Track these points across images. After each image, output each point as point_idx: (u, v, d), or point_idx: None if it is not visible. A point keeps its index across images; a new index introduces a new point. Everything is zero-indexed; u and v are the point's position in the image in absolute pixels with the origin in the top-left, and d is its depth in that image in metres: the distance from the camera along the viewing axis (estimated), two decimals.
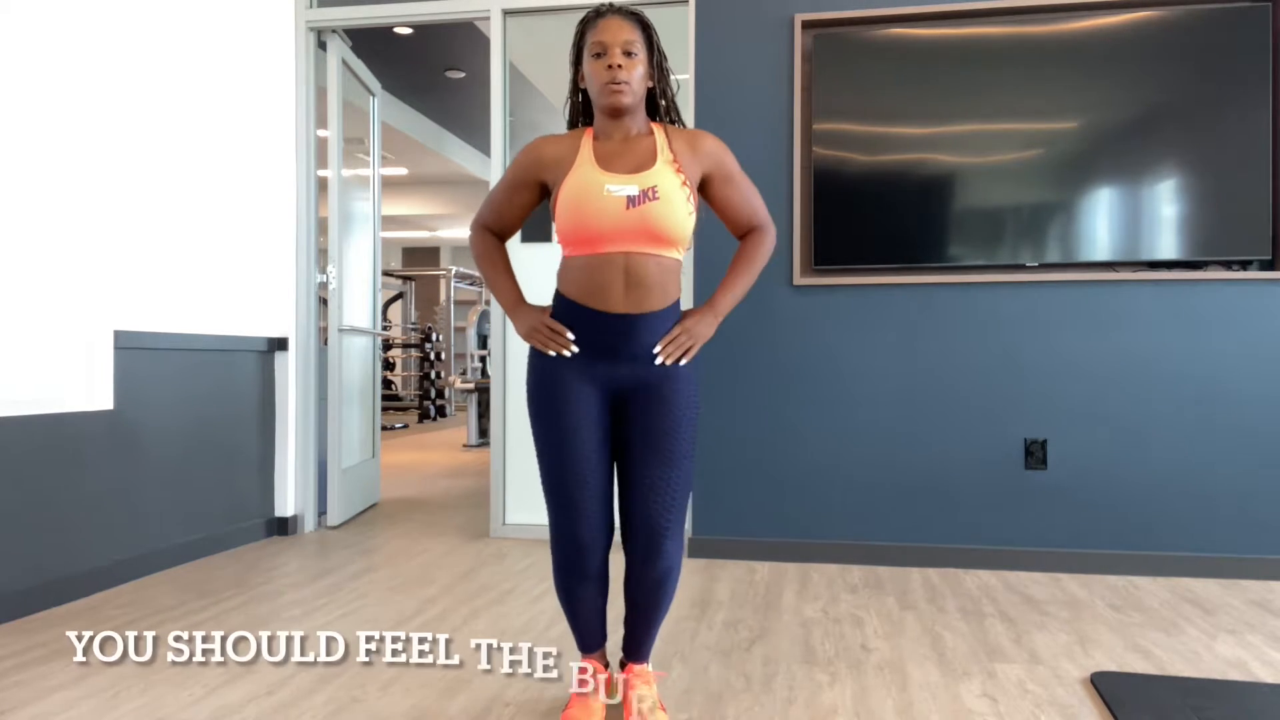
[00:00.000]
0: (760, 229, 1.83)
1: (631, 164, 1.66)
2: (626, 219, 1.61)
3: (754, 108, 3.35)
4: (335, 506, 3.92)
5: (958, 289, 3.21)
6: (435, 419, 10.94)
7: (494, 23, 3.65)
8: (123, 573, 2.94)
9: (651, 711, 1.76)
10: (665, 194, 1.62)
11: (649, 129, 1.73)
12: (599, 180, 1.63)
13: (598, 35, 1.65)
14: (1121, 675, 2.07)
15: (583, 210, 1.62)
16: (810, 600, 2.77)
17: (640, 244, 1.63)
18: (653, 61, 1.72)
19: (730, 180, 1.77)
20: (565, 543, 1.71)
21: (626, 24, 1.66)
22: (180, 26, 3.22)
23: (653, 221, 1.61)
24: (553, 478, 1.70)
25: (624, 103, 1.65)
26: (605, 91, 1.65)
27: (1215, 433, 3.07)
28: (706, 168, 1.73)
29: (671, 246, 1.66)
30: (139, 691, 1.99)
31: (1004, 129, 3.15)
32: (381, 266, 4.97)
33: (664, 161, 1.66)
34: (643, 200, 1.61)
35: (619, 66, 1.63)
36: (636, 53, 1.66)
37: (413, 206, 12.15)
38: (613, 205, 1.61)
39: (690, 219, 1.66)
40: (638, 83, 1.67)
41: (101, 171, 2.85)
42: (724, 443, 3.35)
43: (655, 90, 1.75)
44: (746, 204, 1.80)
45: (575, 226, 1.64)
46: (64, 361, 2.70)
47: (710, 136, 1.75)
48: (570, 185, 1.65)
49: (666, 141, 1.71)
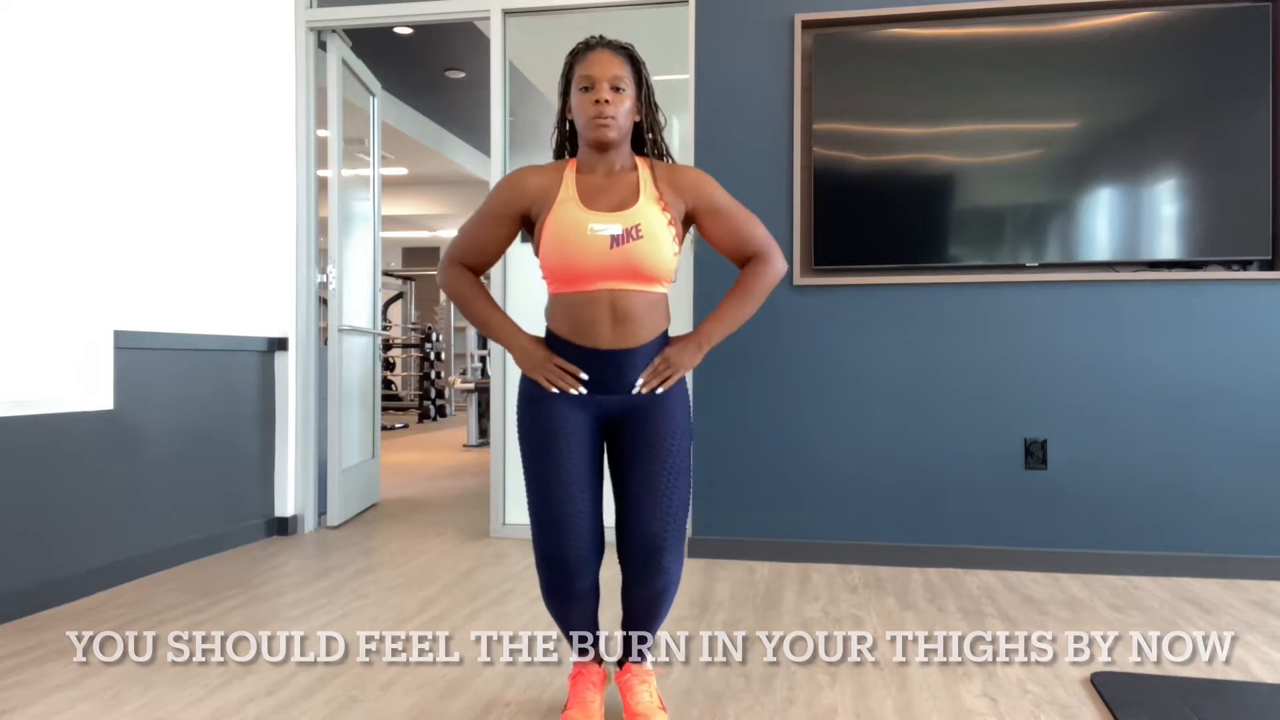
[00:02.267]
0: (760, 257, 1.78)
1: (615, 201, 1.66)
2: (610, 258, 1.61)
3: (754, 108, 3.35)
4: (335, 506, 3.92)
5: (958, 289, 3.21)
6: (435, 419, 10.94)
7: (494, 23, 3.65)
8: (123, 573, 2.94)
9: (651, 711, 1.76)
10: (649, 232, 1.62)
11: (633, 164, 1.73)
12: (582, 219, 1.62)
13: (586, 69, 1.65)
14: (1121, 675, 2.07)
15: (566, 250, 1.62)
16: (810, 600, 2.77)
17: (624, 281, 1.64)
18: (640, 96, 1.71)
19: (716, 212, 1.74)
20: (553, 565, 1.68)
21: (616, 58, 1.66)
22: (180, 26, 3.22)
23: (636, 260, 1.62)
24: (541, 496, 1.67)
25: (610, 137, 1.65)
26: (591, 125, 1.64)
27: (1215, 433, 3.07)
28: (690, 202, 1.73)
29: (656, 282, 1.67)
30: (139, 691, 1.99)
31: (1004, 129, 3.15)
32: (381, 266, 4.97)
33: (647, 198, 1.66)
34: (626, 240, 1.61)
35: (606, 101, 1.63)
36: (624, 88, 1.66)
37: (413, 206, 12.15)
38: (596, 245, 1.61)
39: (675, 256, 1.67)
40: (624, 117, 1.66)
41: (102, 171, 2.85)
42: (724, 442, 3.35)
43: (642, 125, 1.74)
44: (738, 234, 1.76)
45: (559, 265, 1.63)
46: (64, 361, 2.70)
47: (693, 170, 1.74)
48: (553, 223, 1.64)
49: (651, 177, 1.70)
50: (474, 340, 9.64)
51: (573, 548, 1.66)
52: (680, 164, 1.78)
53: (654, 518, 1.67)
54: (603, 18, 3.56)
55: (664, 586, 1.71)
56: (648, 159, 1.75)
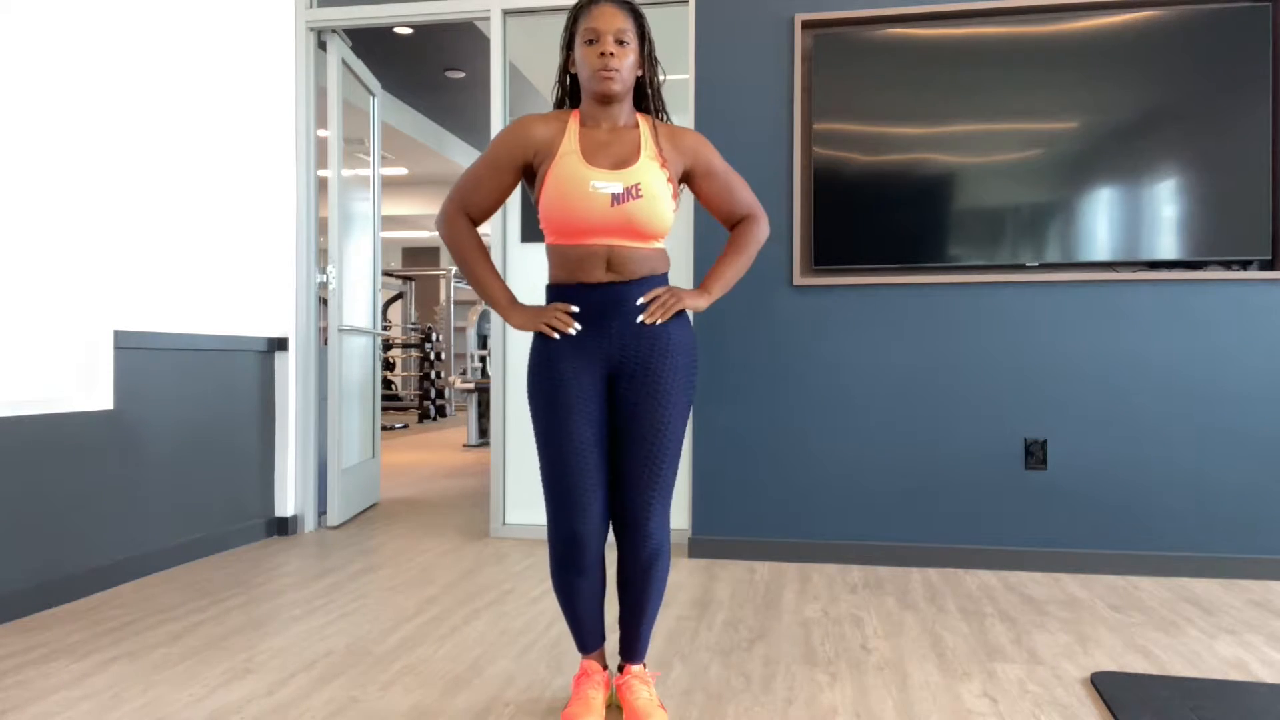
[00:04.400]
0: (749, 218, 1.87)
1: (616, 157, 1.70)
2: (610, 215, 1.66)
3: (754, 108, 3.35)
4: (335, 506, 3.92)
5: (957, 289, 3.21)
6: (435, 419, 10.94)
7: (494, 23, 3.65)
8: (123, 573, 2.94)
9: (651, 709, 1.76)
10: (648, 190, 1.67)
11: (634, 121, 1.77)
12: (584, 175, 1.66)
13: (591, 22, 1.68)
14: (1121, 675, 2.07)
15: (567, 205, 1.66)
16: (810, 600, 2.77)
17: (622, 238, 1.69)
18: (643, 51, 1.75)
19: (712, 174, 1.82)
20: (563, 536, 1.73)
21: (620, 12, 1.69)
22: (180, 26, 3.22)
23: (635, 219, 1.67)
24: (553, 468, 1.71)
25: (614, 90, 1.68)
26: (597, 78, 1.68)
27: (1215, 433, 3.07)
28: (688, 162, 1.79)
29: (652, 239, 1.72)
30: (139, 691, 2.00)
31: (1004, 129, 3.15)
32: (381, 266, 4.97)
33: (648, 156, 1.71)
34: (626, 198, 1.66)
35: (611, 54, 1.66)
36: (628, 41, 1.69)
37: (413, 206, 12.15)
38: (597, 202, 1.65)
39: (671, 213, 1.72)
40: (628, 71, 1.70)
41: (102, 171, 2.85)
42: (724, 442, 3.35)
43: (643, 79, 1.78)
44: (730, 196, 1.85)
45: (559, 219, 1.68)
46: (64, 361, 2.70)
47: (692, 132, 1.80)
48: (555, 176, 1.68)
49: (652, 135, 1.75)
50: (474, 340, 9.64)
51: (583, 522, 1.72)
52: (680, 126, 1.81)
53: (642, 487, 1.73)
54: None
55: (653, 554, 1.76)
56: (649, 116, 1.80)
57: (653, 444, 1.71)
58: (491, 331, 3.72)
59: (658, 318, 1.71)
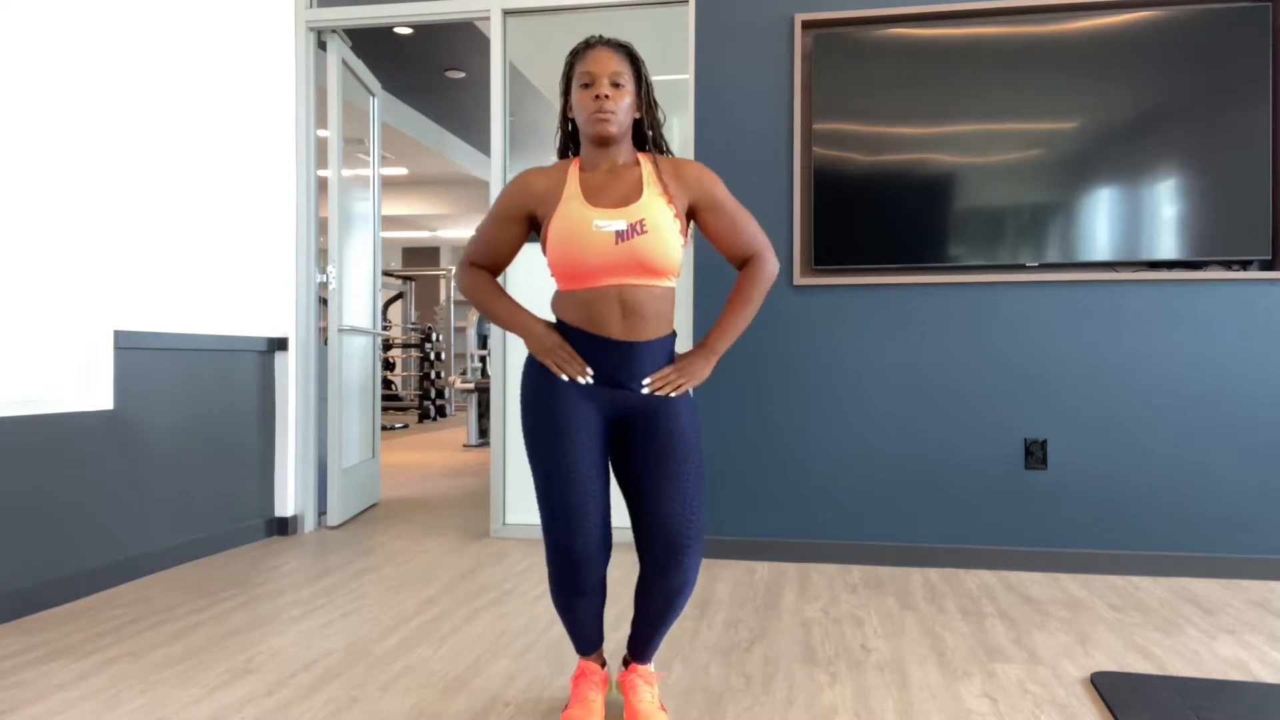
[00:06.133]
0: (756, 257, 1.81)
1: (618, 196, 1.68)
2: (616, 254, 1.63)
3: (754, 108, 3.35)
4: (335, 506, 3.92)
5: (958, 289, 3.21)
6: (435, 419, 10.94)
7: (494, 23, 3.65)
8: (123, 573, 2.94)
9: (652, 711, 1.76)
10: (654, 226, 1.64)
11: (635, 159, 1.75)
12: (587, 216, 1.64)
13: (585, 66, 1.68)
14: (1121, 675, 2.07)
15: (572, 247, 1.63)
16: (810, 600, 2.77)
17: (632, 276, 1.65)
18: (640, 93, 1.74)
19: (718, 209, 1.76)
20: (563, 559, 1.68)
21: (615, 55, 1.68)
22: (180, 26, 3.22)
23: (642, 255, 1.63)
24: (553, 488, 1.67)
25: (610, 132, 1.67)
26: (592, 121, 1.66)
27: (1215, 433, 3.07)
28: (693, 197, 1.74)
29: (663, 276, 1.68)
30: (139, 691, 1.99)
31: (1004, 129, 3.15)
32: (381, 266, 4.97)
33: (651, 192, 1.68)
34: (631, 234, 1.63)
35: (606, 96, 1.65)
36: (624, 84, 1.68)
37: (413, 206, 12.15)
38: (602, 240, 1.62)
39: (679, 249, 1.68)
40: (624, 113, 1.68)
41: (102, 171, 2.85)
42: (724, 443, 3.35)
43: (643, 121, 1.76)
44: (738, 233, 1.79)
45: (566, 263, 1.65)
46: (64, 361, 2.70)
47: (696, 164, 1.76)
48: (559, 221, 1.66)
49: (654, 171, 1.72)
50: (474, 340, 9.64)
51: (584, 542, 1.67)
52: (682, 158, 1.79)
53: (677, 517, 1.67)
54: (603, 18, 3.56)
55: (682, 584, 1.72)
56: (649, 154, 1.77)
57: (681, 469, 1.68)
58: (491, 332, 3.72)
59: (666, 394, 1.70)
